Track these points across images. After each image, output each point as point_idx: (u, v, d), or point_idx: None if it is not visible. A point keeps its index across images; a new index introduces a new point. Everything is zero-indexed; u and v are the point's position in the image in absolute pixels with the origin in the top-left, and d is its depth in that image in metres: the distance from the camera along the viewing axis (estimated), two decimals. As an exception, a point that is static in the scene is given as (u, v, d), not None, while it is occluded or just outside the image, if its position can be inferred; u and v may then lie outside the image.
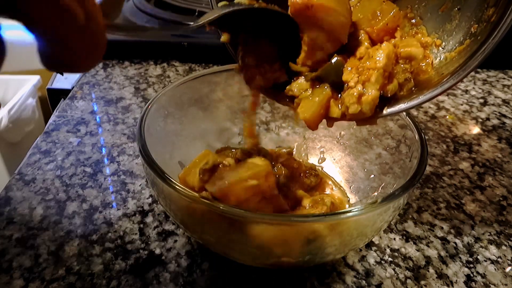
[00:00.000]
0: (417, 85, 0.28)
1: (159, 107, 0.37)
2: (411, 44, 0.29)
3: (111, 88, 0.62)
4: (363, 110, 0.27)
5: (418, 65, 0.28)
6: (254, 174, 0.30)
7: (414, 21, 0.31)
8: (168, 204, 0.33)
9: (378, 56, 0.27)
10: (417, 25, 0.31)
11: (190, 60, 0.70)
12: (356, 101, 0.27)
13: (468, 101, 0.63)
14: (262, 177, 0.30)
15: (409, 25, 0.31)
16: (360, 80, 0.27)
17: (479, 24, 0.27)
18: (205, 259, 0.35)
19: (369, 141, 0.42)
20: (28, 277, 0.33)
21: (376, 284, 0.34)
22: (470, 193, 0.45)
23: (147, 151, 0.31)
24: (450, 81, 0.26)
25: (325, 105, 0.29)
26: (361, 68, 0.27)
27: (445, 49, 0.29)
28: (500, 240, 0.39)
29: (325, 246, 0.30)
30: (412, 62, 0.28)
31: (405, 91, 0.28)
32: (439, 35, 0.30)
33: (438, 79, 0.27)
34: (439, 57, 0.29)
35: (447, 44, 0.29)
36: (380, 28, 0.29)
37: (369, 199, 0.39)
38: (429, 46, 0.30)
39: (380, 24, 0.29)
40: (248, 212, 0.27)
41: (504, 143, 0.53)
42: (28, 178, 0.44)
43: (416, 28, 0.31)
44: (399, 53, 0.28)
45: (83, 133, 0.52)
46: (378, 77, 0.27)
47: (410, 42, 0.29)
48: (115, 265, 0.35)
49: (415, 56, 0.28)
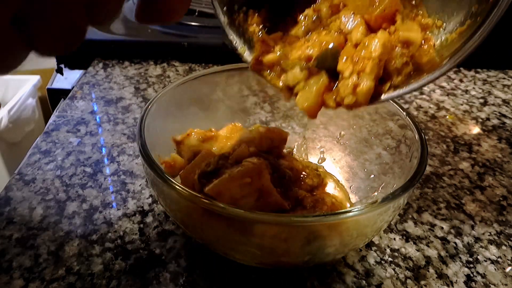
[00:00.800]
0: (417, 68, 0.28)
1: (159, 107, 0.37)
2: (410, 28, 0.28)
3: (111, 88, 0.62)
4: (359, 100, 0.27)
5: (415, 50, 0.28)
6: (247, 171, 0.30)
7: (414, 2, 0.31)
8: (168, 204, 0.33)
9: (373, 45, 0.27)
10: (417, 6, 0.31)
11: (190, 60, 0.70)
12: (351, 92, 0.27)
13: (468, 101, 0.63)
14: (255, 175, 0.30)
15: (409, 6, 0.31)
16: (355, 70, 0.27)
17: (479, 3, 0.26)
18: (205, 259, 0.35)
19: (369, 141, 0.42)
20: (28, 277, 0.33)
21: (376, 284, 0.34)
22: (470, 193, 0.45)
23: (147, 151, 0.31)
24: (447, 65, 0.26)
25: (322, 93, 0.29)
26: (356, 58, 0.27)
27: (446, 30, 0.29)
28: (500, 240, 0.39)
29: (325, 246, 0.30)
30: (410, 47, 0.28)
31: (403, 76, 0.28)
32: (440, 16, 0.30)
33: (439, 61, 0.27)
34: (440, 39, 0.29)
35: (448, 25, 0.29)
36: (378, 15, 0.29)
37: (369, 199, 0.39)
38: (429, 27, 0.30)
39: (377, 11, 0.29)
40: (248, 212, 0.27)
41: (504, 143, 0.53)
42: (28, 178, 0.44)
43: (417, 10, 0.30)
44: (398, 37, 0.28)
45: (83, 133, 0.52)
46: (373, 67, 0.26)
47: (410, 26, 0.29)
48: (115, 265, 0.35)
49: (413, 41, 0.28)
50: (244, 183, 0.30)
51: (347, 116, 0.44)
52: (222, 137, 0.39)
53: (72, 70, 0.71)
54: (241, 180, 0.30)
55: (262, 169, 0.31)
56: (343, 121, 0.44)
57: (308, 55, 0.29)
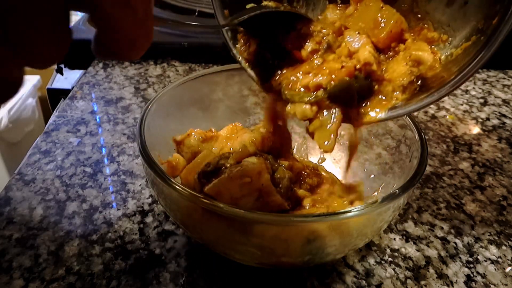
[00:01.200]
0: (424, 83, 0.28)
1: (159, 107, 0.37)
2: (422, 48, 0.29)
3: (111, 88, 0.62)
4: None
5: (425, 69, 0.28)
6: (247, 171, 0.30)
7: (419, 16, 0.31)
8: (168, 204, 0.33)
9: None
10: (423, 20, 0.31)
11: (190, 60, 0.70)
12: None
13: (468, 101, 0.63)
14: (255, 175, 0.30)
15: (414, 19, 0.31)
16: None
17: (485, 20, 0.26)
18: (205, 259, 0.35)
19: (369, 141, 0.42)
20: (28, 277, 0.33)
21: (376, 284, 0.34)
22: (470, 193, 0.45)
23: (147, 151, 0.31)
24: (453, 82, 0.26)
25: (338, 130, 0.29)
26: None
27: (452, 45, 0.29)
28: (500, 240, 0.39)
29: (325, 246, 0.30)
30: (420, 67, 0.28)
31: (407, 94, 0.28)
32: (446, 30, 0.30)
33: (444, 77, 0.27)
34: (446, 53, 0.29)
35: (454, 40, 0.29)
36: (385, 37, 0.29)
37: (369, 199, 0.39)
38: (435, 41, 0.30)
39: (384, 33, 0.29)
40: (248, 212, 0.27)
41: (504, 143, 0.53)
42: (28, 178, 0.44)
43: (422, 23, 0.31)
44: (410, 55, 0.28)
45: (83, 133, 0.52)
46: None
47: (421, 46, 0.29)
48: (115, 265, 0.35)
49: (424, 61, 0.28)
50: (244, 182, 0.30)
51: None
52: (222, 137, 0.39)
53: (72, 70, 0.71)
54: (240, 180, 0.30)
55: (262, 169, 0.31)
56: (343, 121, 0.44)
57: (317, 83, 0.28)
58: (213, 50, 0.69)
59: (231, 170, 0.30)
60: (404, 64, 0.28)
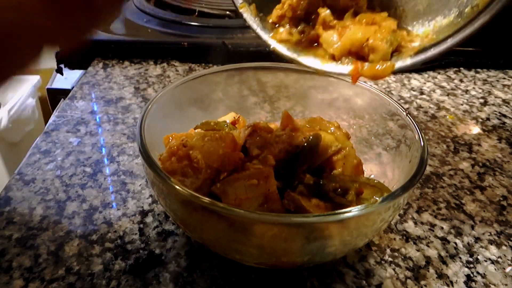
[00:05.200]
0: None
1: (159, 107, 0.37)
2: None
3: (111, 88, 0.62)
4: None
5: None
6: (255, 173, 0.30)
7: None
8: (168, 204, 0.33)
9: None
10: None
11: (190, 60, 0.70)
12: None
13: (468, 101, 0.63)
14: (262, 178, 0.30)
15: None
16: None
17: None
18: (205, 259, 0.35)
19: (369, 141, 0.42)
20: (28, 277, 0.33)
21: (376, 284, 0.34)
22: (470, 193, 0.45)
23: (147, 151, 0.31)
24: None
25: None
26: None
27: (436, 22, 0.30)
28: (500, 240, 0.39)
29: (325, 246, 0.30)
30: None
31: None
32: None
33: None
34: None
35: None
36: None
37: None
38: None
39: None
40: (248, 212, 0.27)
41: (504, 143, 0.53)
42: (28, 178, 0.44)
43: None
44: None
45: (83, 133, 0.52)
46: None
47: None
48: (115, 265, 0.35)
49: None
50: (250, 184, 0.30)
51: (347, 116, 0.44)
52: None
53: (72, 70, 0.71)
54: (247, 181, 0.30)
55: (270, 173, 0.31)
56: (343, 121, 0.44)
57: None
58: (213, 50, 0.69)
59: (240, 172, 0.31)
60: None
